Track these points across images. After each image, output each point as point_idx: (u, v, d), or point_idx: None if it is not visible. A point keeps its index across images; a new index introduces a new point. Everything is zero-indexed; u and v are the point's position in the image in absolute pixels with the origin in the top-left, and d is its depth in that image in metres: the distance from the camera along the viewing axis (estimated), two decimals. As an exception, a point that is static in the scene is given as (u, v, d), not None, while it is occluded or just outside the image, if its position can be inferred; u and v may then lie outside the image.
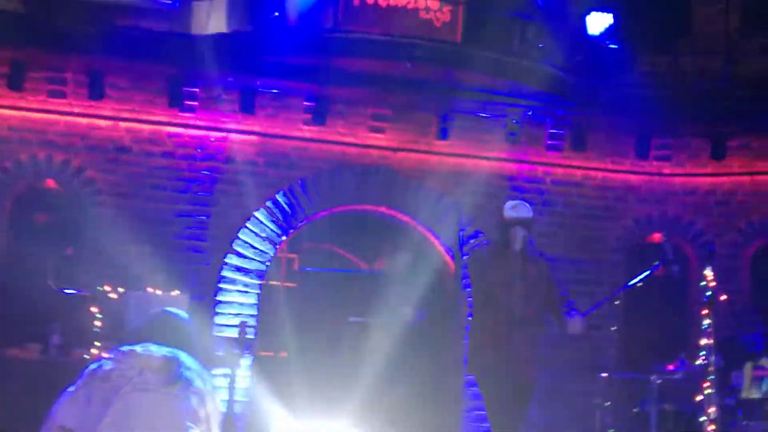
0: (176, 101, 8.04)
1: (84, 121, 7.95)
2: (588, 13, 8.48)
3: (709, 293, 6.51)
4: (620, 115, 8.59)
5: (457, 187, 8.57)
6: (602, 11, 8.48)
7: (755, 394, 6.25)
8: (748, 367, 6.06)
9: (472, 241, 8.45)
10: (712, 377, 6.39)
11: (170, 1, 8.05)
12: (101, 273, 7.25)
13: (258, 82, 8.14)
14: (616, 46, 8.62)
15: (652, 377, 6.92)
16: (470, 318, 5.73)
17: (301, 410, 7.02)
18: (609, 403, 6.71)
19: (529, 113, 8.71)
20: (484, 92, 8.51)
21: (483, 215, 8.53)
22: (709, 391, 6.16)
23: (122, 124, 8.01)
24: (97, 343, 6.12)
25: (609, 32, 8.53)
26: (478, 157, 8.67)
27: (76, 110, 7.93)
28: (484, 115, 8.67)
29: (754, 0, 9.07)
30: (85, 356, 6.07)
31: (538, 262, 5.66)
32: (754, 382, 6.16)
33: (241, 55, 7.80)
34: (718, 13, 9.21)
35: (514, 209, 5.62)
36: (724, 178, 8.80)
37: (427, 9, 8.32)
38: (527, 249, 5.53)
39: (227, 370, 6.46)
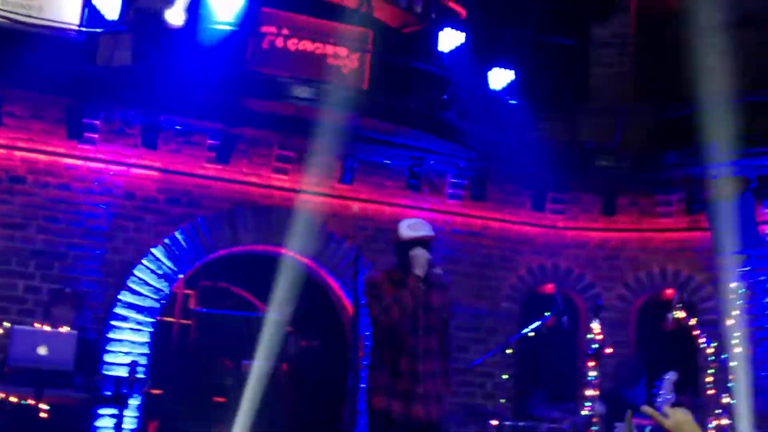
0: (75, 132, 7.89)
1: (-23, 148, 7.72)
2: (490, 68, 8.76)
3: (595, 346, 6.75)
4: (518, 168, 8.87)
5: (359, 231, 8.66)
6: (504, 68, 8.78)
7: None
8: (628, 415, 6.28)
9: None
10: (596, 428, 6.61)
11: (76, 33, 7.94)
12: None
13: (161, 118, 8.07)
14: (516, 102, 8.93)
15: (541, 425, 7.08)
16: (369, 355, 5.17)
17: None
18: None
19: (431, 162, 8.91)
20: (388, 139, 8.67)
21: (384, 260, 8.62)
22: (593, 440, 6.35)
23: (17, 153, 7.80)
24: (-22, 380, 5.87)
25: (510, 88, 8.83)
26: (380, 202, 8.80)
27: (-31, 137, 7.69)
28: (387, 161, 8.82)
29: (646, 66, 9.56)
30: (-35, 393, 5.82)
31: (443, 289, 5.08)
32: (634, 430, 6.38)
33: (145, 89, 7.73)
34: (612, 76, 9.68)
35: (412, 228, 4.99)
36: (614, 233, 9.17)
37: (336, 55, 8.45)
38: (430, 274, 4.92)
39: (114, 411, 6.29)
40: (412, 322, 4.87)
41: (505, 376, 7.41)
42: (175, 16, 7.56)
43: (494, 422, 7.16)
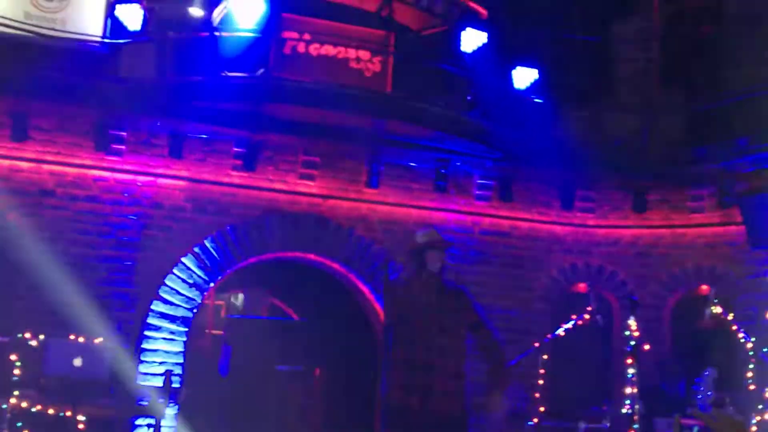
0: (102, 145, 7.91)
1: (6, 162, 7.73)
2: (514, 67, 8.70)
3: (632, 343, 6.65)
4: (545, 167, 8.79)
5: (387, 235, 8.61)
6: (528, 66, 8.72)
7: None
8: (676, 418, 6.20)
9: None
10: (636, 426, 6.51)
11: (99, 45, 7.96)
12: (21, 319, 7.00)
13: (187, 127, 8.06)
14: (540, 101, 8.85)
15: (579, 424, 6.99)
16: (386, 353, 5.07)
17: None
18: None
19: (457, 164, 8.85)
20: (413, 142, 8.62)
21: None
22: (634, 438, 6.26)
23: (45, 167, 7.82)
24: (15, 392, 5.86)
25: (534, 87, 8.76)
26: (408, 205, 8.75)
27: (-3, 152, 7.71)
28: (413, 164, 8.77)
29: (672, 60, 9.47)
30: (3, 406, 5.81)
31: (458, 295, 5.14)
32: (684, 431, 6.29)
33: (170, 100, 7.73)
34: (637, 72, 9.59)
35: (426, 235, 5.16)
36: (645, 230, 9.05)
37: (358, 59, 8.42)
38: (444, 275, 5.06)
39: (152, 420, 6.27)
40: (425, 318, 4.97)
41: (540, 381, 7.32)
42: (197, 11, 7.55)
43: (532, 423, 7.06)
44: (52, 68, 7.45)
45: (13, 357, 6.02)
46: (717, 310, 7.74)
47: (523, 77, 8.71)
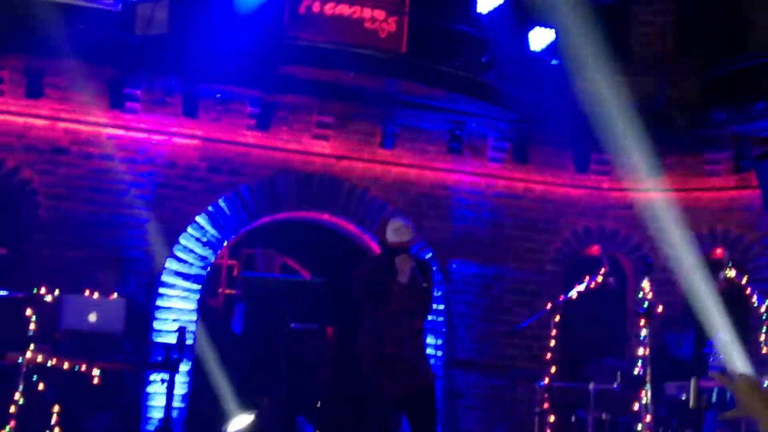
0: (117, 103, 7.91)
1: (20, 120, 7.76)
2: (531, 29, 8.61)
3: (646, 304, 6.63)
4: (561, 129, 8.74)
5: (401, 196, 8.61)
6: (544, 27, 8.62)
7: (704, 405, 6.38)
8: (693, 380, 6.19)
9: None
10: (648, 386, 6.51)
11: (112, 2, 7.93)
12: (36, 275, 7.06)
13: (201, 87, 8.05)
14: (556, 62, 8.77)
15: (590, 386, 7.00)
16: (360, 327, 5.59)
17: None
18: (547, 410, 6.77)
19: (472, 125, 8.81)
20: (427, 103, 8.59)
21: (426, 224, 8.59)
22: (645, 400, 6.26)
23: (60, 125, 7.84)
24: (30, 347, 5.93)
25: (550, 48, 8.67)
26: (421, 167, 8.73)
27: (12, 109, 7.73)
28: (427, 125, 8.74)
29: (690, 23, 9.35)
30: (19, 360, 5.88)
31: (428, 287, 5.48)
32: (702, 393, 6.28)
33: (184, 59, 7.72)
34: (654, 33, 9.48)
35: (397, 233, 5.35)
36: (660, 194, 8.99)
37: (373, 19, 8.36)
38: (415, 280, 5.33)
39: (165, 376, 6.33)
40: (397, 307, 5.34)
41: (552, 342, 7.31)
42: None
43: (543, 383, 7.08)
44: (66, 26, 7.43)
45: (28, 312, 6.08)
46: (731, 274, 7.71)
47: (540, 38, 8.61)
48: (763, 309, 7.53)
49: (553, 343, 7.77)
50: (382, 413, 5.34)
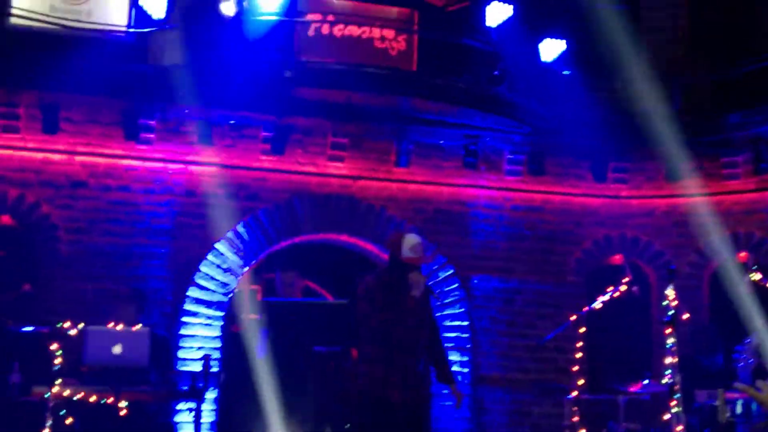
0: (132, 134, 7.94)
1: (38, 155, 7.80)
2: (541, 40, 8.60)
3: (671, 312, 6.56)
4: (576, 139, 8.71)
5: (418, 213, 8.60)
6: (555, 38, 8.61)
7: (729, 417, 6.31)
8: (720, 392, 6.12)
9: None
10: (678, 396, 6.43)
11: (124, 34, 8.00)
12: (59, 309, 7.09)
13: (215, 113, 8.09)
14: (569, 72, 8.75)
15: (619, 397, 6.94)
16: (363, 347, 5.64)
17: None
18: (577, 423, 6.71)
19: (487, 139, 8.80)
20: (440, 119, 8.59)
21: (445, 240, 8.57)
22: (676, 409, 6.18)
23: (77, 158, 7.88)
24: (57, 381, 5.95)
25: (562, 59, 8.66)
26: (438, 183, 8.72)
27: (30, 145, 7.78)
28: (441, 142, 8.73)
29: (702, 27, 9.32)
30: (46, 395, 5.90)
31: (428, 304, 5.64)
32: (727, 404, 6.21)
33: (197, 87, 7.74)
34: (666, 39, 9.45)
35: (413, 249, 5.44)
36: (680, 199, 8.94)
37: (383, 38, 8.39)
38: (425, 296, 5.51)
39: (192, 404, 6.33)
40: (400, 325, 5.43)
41: (578, 355, 7.26)
42: (228, 8, 7.55)
43: (571, 396, 7.02)
44: (79, 60, 7.49)
45: (53, 347, 6.10)
46: (756, 277, 7.63)
47: (551, 49, 8.60)
48: (789, 312, 7.45)
49: (579, 354, 7.72)
50: (394, 419, 5.42)
